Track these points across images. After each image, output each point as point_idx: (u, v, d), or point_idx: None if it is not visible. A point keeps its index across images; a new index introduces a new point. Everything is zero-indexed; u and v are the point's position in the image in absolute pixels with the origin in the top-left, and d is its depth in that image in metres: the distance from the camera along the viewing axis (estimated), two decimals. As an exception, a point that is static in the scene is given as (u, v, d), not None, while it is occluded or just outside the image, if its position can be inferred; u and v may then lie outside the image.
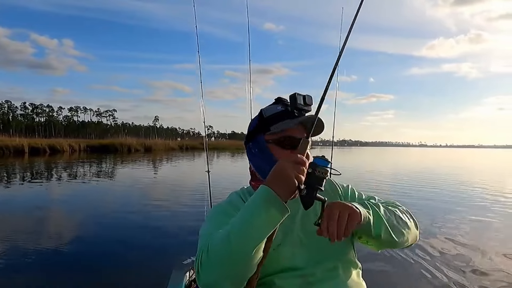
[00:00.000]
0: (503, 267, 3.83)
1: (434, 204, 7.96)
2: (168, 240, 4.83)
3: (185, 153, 41.99)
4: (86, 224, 5.82)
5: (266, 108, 1.16)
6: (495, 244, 4.80)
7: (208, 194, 2.88)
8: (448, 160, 35.78)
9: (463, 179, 14.33)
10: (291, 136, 1.08)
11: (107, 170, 17.05)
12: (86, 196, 9.22)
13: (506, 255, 4.22)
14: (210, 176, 3.04)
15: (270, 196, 0.83)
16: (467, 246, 4.56)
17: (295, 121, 1.07)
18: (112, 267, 3.84)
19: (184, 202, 7.89)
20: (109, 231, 5.33)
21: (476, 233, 5.36)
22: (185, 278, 1.87)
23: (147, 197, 8.95)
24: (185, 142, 70.60)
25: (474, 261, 3.97)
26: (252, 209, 0.84)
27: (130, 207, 7.43)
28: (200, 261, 0.86)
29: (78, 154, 33.20)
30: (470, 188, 10.98)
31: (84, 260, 3.99)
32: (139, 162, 23.10)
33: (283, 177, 0.83)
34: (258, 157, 1.15)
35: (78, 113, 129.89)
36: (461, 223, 6.01)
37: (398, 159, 36.78)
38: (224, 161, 26.25)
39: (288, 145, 1.08)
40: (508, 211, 7.21)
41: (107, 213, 6.83)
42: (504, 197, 9.19)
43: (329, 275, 1.03)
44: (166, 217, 6.39)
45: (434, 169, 21.19)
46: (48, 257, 4.08)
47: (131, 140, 47.02)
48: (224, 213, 1.03)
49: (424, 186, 11.34)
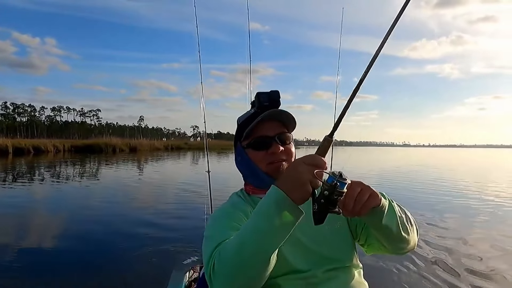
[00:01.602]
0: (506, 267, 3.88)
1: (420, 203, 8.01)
2: (168, 240, 4.83)
3: (171, 153, 42.10)
4: (86, 224, 5.82)
5: (242, 115, 1.18)
6: (495, 243, 4.80)
7: (208, 193, 2.84)
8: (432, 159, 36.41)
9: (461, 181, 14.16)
10: (260, 136, 1.07)
11: (99, 170, 17.03)
12: (83, 196, 9.18)
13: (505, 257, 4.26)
14: (210, 176, 3.02)
15: (283, 200, 0.78)
16: (466, 247, 4.59)
17: (258, 119, 1.05)
18: (112, 267, 3.84)
19: (183, 202, 7.88)
20: (108, 231, 5.32)
21: (475, 232, 5.47)
22: (185, 278, 1.86)
23: (147, 197, 8.96)
24: (170, 142, 70.69)
25: (474, 261, 3.99)
26: (265, 216, 0.79)
27: (129, 207, 7.45)
28: (213, 269, 0.83)
29: (62, 154, 33.05)
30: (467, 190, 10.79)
31: (84, 260, 4.00)
32: (129, 162, 23.08)
33: (297, 181, 0.77)
34: (240, 164, 1.15)
35: (61, 113, 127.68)
36: (459, 222, 6.19)
37: (381, 159, 37.61)
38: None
39: (259, 145, 1.08)
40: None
41: (107, 213, 6.81)
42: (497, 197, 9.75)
43: (331, 276, 1.02)
44: (166, 217, 6.37)
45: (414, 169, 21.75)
46: (48, 257, 4.11)
47: (116, 140, 46.96)
48: (228, 216, 1.02)
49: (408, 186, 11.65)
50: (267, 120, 1.07)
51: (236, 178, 1.28)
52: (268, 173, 1.08)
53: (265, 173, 1.08)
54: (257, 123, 1.06)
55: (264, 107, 1.08)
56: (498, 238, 5.07)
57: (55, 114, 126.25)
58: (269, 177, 1.07)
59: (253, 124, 1.06)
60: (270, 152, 1.07)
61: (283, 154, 1.08)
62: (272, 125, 1.08)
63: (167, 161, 26.23)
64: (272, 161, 1.07)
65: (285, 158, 1.08)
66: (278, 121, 1.09)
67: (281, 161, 1.08)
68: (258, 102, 1.09)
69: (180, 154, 39.14)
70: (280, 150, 1.07)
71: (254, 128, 1.07)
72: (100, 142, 43.71)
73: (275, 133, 1.08)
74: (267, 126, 1.08)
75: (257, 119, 1.05)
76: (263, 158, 1.08)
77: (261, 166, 1.09)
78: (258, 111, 1.09)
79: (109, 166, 19.68)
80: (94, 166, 19.92)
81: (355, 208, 0.82)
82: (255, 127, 1.07)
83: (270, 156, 1.07)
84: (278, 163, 1.07)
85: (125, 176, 14.03)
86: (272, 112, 1.05)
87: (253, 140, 1.09)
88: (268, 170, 1.08)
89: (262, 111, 1.07)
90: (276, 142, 1.07)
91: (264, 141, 1.07)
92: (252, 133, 1.08)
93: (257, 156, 1.09)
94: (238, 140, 1.14)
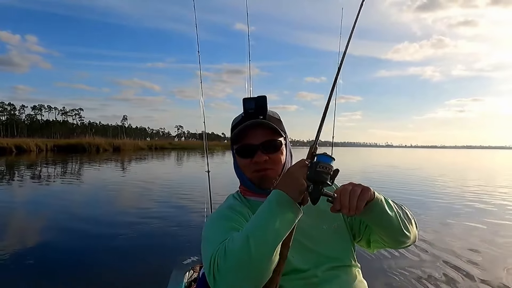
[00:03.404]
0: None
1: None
2: (168, 240, 4.83)
3: (155, 152, 41.90)
4: (86, 223, 5.80)
5: (236, 117, 1.16)
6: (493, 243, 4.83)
7: (208, 193, 2.83)
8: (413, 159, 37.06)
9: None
10: (245, 143, 1.07)
11: (89, 170, 16.84)
12: (81, 196, 9.12)
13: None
14: (210, 176, 3.01)
15: (282, 198, 0.86)
16: (467, 246, 4.61)
17: (241, 128, 1.06)
18: (112, 267, 3.85)
19: (183, 202, 7.85)
20: (108, 231, 5.33)
21: (474, 231, 5.50)
22: (185, 278, 1.86)
23: (146, 197, 8.88)
24: (154, 142, 70.68)
25: (474, 261, 4.01)
26: (267, 212, 0.86)
27: (128, 207, 7.43)
28: (217, 266, 0.84)
29: (45, 154, 32.79)
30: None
31: (84, 260, 4.01)
32: (118, 162, 23.00)
33: (291, 178, 0.88)
34: (234, 166, 1.17)
35: (42, 112, 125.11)
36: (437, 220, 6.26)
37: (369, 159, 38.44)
38: (193, 161, 26.93)
39: (244, 153, 1.08)
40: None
41: (106, 213, 6.81)
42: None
43: (331, 276, 1.03)
44: (166, 217, 6.35)
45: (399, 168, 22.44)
46: (49, 257, 4.12)
47: (99, 140, 46.91)
48: (226, 218, 1.03)
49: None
50: (252, 128, 1.06)
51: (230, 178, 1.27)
52: (251, 181, 1.10)
53: (249, 180, 1.11)
54: (241, 131, 1.06)
55: (249, 114, 1.07)
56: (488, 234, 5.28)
57: (35, 113, 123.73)
58: (253, 184, 1.10)
59: (235, 132, 1.07)
60: (254, 161, 1.07)
61: (267, 163, 1.07)
62: (257, 133, 1.06)
63: (155, 160, 26.28)
64: (256, 170, 1.08)
65: (270, 167, 1.08)
66: (262, 128, 1.07)
67: (265, 169, 1.07)
68: (244, 108, 1.08)
69: (165, 154, 39.11)
70: (264, 159, 1.06)
71: (240, 134, 1.07)
72: (84, 141, 43.57)
73: (260, 141, 1.06)
74: (252, 134, 1.06)
75: (239, 128, 1.06)
76: (248, 165, 1.09)
77: (246, 173, 1.10)
78: (243, 117, 1.09)
79: (98, 166, 19.65)
80: (83, 165, 19.81)
81: (351, 202, 0.87)
82: (241, 133, 1.07)
83: (254, 165, 1.07)
84: (262, 172, 1.08)
85: (119, 176, 14.17)
86: (253, 123, 1.05)
87: (239, 147, 1.09)
88: (252, 177, 1.10)
89: (248, 118, 1.07)
90: (260, 151, 1.06)
91: (248, 149, 1.07)
92: (239, 140, 1.08)
93: (242, 163, 1.10)
94: (232, 143, 1.13)
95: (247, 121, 1.06)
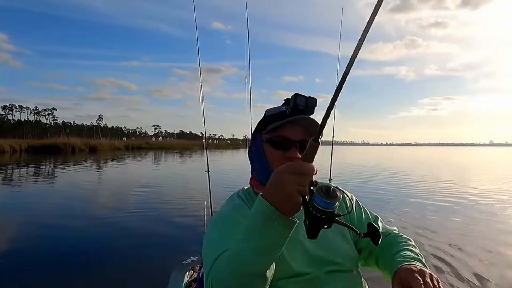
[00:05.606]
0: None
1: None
2: (168, 240, 4.87)
3: (131, 152, 41.88)
4: (86, 224, 5.84)
5: (271, 108, 1.15)
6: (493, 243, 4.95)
7: (208, 193, 2.81)
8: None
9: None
10: (282, 136, 1.06)
11: (71, 172, 16.45)
12: (77, 196, 9.11)
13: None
14: (210, 176, 3.01)
15: (271, 214, 0.74)
16: (466, 246, 4.66)
17: (287, 120, 1.03)
18: (112, 267, 3.87)
19: (183, 201, 7.91)
20: (108, 232, 5.36)
21: (474, 231, 5.64)
22: (185, 278, 1.86)
23: (145, 197, 8.94)
24: (131, 142, 70.24)
25: (473, 261, 4.04)
26: (255, 233, 0.77)
27: (128, 207, 7.44)
28: (211, 281, 0.83)
29: (19, 154, 32.34)
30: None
31: (84, 261, 4.03)
32: (100, 162, 22.90)
33: (284, 194, 0.73)
34: (254, 155, 1.14)
35: (13, 112, 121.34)
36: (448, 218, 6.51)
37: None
38: (173, 161, 27.23)
39: (279, 145, 1.06)
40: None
41: (105, 213, 6.86)
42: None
43: (333, 279, 1.03)
44: (166, 216, 6.38)
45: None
46: (49, 258, 4.15)
47: (75, 140, 46.31)
48: (229, 222, 1.01)
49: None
50: (295, 123, 1.05)
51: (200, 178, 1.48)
52: None
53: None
54: (286, 122, 1.04)
55: (298, 109, 1.04)
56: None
57: (6, 113, 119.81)
58: None
59: (282, 122, 1.04)
60: (288, 156, 1.04)
61: None
62: (298, 130, 1.06)
63: (145, 160, 26.18)
64: None
65: None
66: (305, 128, 1.06)
67: None
68: (294, 102, 1.04)
69: (142, 153, 39.11)
70: (297, 157, 1.02)
71: (281, 126, 1.05)
72: (59, 142, 42.94)
73: (298, 138, 1.06)
74: (293, 129, 1.06)
75: (289, 119, 1.03)
76: (279, 158, 1.06)
77: (273, 165, 1.06)
78: (290, 111, 1.06)
79: (81, 167, 19.35)
80: (64, 167, 19.49)
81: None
82: (283, 125, 1.05)
83: (286, 159, 1.01)
84: None
85: (116, 176, 14.29)
86: (305, 118, 1.03)
87: (274, 137, 1.08)
88: None
89: (295, 112, 1.05)
90: (296, 147, 1.06)
91: (285, 142, 1.06)
92: (276, 130, 1.07)
93: (273, 154, 1.08)
94: (259, 131, 1.13)
95: (294, 116, 1.04)
